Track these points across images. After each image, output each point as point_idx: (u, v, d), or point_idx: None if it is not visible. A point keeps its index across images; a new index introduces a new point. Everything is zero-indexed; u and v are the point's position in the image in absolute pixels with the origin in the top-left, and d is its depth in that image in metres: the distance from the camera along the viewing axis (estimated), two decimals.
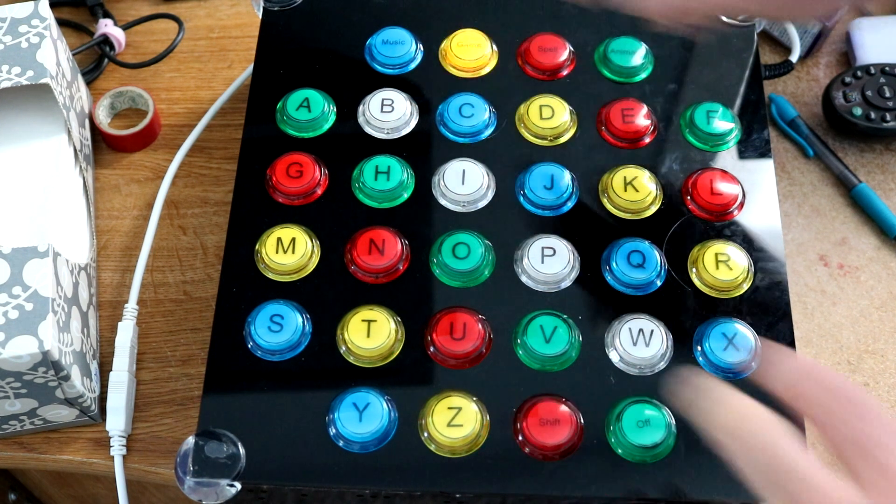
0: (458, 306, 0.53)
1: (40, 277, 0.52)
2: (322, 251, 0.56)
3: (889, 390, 0.60)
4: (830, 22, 0.71)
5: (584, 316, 0.54)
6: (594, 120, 0.60)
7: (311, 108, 0.60)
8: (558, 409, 0.50)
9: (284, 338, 0.52)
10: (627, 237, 0.56)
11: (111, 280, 0.64)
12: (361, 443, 0.50)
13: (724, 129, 0.59)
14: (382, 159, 0.58)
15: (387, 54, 0.62)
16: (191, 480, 0.49)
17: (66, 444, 0.59)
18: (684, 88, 0.62)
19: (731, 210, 0.57)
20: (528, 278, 0.55)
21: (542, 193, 0.57)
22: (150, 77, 0.74)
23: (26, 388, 0.53)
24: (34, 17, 0.62)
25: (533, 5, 0.65)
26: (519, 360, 0.52)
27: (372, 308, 0.53)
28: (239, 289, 0.54)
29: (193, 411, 0.59)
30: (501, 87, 0.61)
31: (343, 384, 0.52)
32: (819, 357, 0.61)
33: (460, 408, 0.50)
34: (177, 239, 0.66)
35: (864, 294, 0.64)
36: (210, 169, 0.69)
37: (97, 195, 0.68)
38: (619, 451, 0.50)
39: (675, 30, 0.51)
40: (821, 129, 0.71)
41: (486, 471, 0.49)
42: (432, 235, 0.56)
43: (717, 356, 0.52)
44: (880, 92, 0.68)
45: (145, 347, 0.61)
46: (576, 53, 0.63)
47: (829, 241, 0.66)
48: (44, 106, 0.65)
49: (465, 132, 0.59)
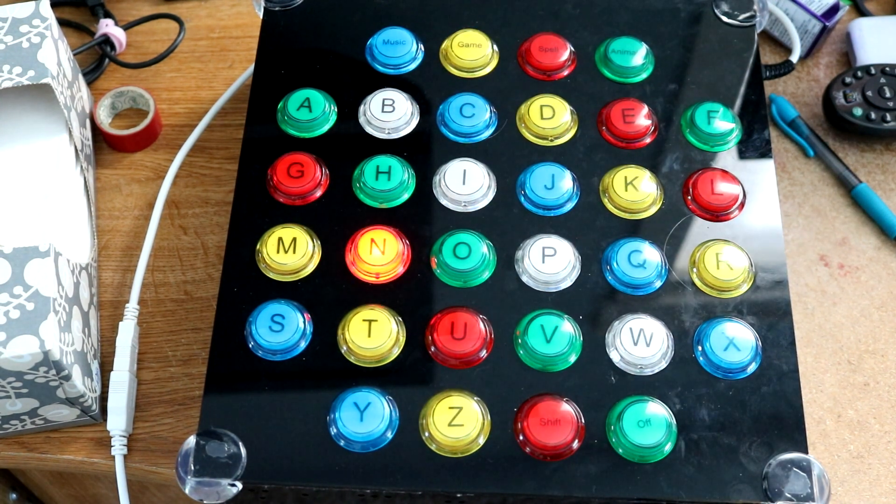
0: (458, 306, 0.53)
1: (41, 277, 0.52)
2: (323, 251, 0.56)
3: (889, 390, 0.61)
4: (830, 22, 0.71)
5: (584, 316, 0.54)
6: (595, 120, 0.60)
7: (311, 108, 0.60)
8: (559, 408, 0.50)
9: (285, 337, 0.52)
10: (628, 237, 0.56)
11: (112, 280, 0.64)
12: (362, 442, 0.50)
13: (725, 130, 0.60)
14: (383, 159, 0.58)
15: (388, 54, 0.62)
16: (192, 480, 0.49)
17: (67, 444, 0.59)
18: (685, 88, 0.62)
19: (732, 210, 0.57)
20: (529, 278, 0.55)
21: (543, 193, 0.57)
22: (150, 77, 0.74)
23: (27, 388, 0.53)
24: (35, 17, 0.62)
25: (533, 5, 0.65)
26: (520, 359, 0.52)
27: (373, 308, 0.53)
28: (240, 289, 0.54)
29: (194, 411, 0.59)
30: (502, 88, 0.61)
31: (344, 384, 0.52)
32: (819, 357, 0.62)
33: (461, 407, 0.50)
34: (178, 239, 0.66)
35: (864, 294, 0.64)
36: (211, 169, 0.69)
37: (98, 195, 0.68)
38: (619, 451, 0.50)
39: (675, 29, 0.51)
40: (821, 129, 0.71)
41: (487, 471, 0.50)
42: (433, 235, 0.56)
43: (717, 356, 0.52)
44: (880, 92, 0.68)
45: (146, 347, 0.62)
46: (576, 53, 0.63)
47: (830, 241, 0.66)
48: (45, 106, 0.65)
49: (465, 132, 0.59)
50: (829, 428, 0.59)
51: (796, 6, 0.72)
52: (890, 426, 0.59)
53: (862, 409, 0.60)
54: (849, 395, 0.60)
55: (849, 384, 0.61)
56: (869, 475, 0.58)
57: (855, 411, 0.60)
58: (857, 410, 0.60)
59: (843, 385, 0.61)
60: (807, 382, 0.60)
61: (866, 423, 0.59)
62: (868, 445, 0.59)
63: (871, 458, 0.58)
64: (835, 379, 0.61)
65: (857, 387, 0.61)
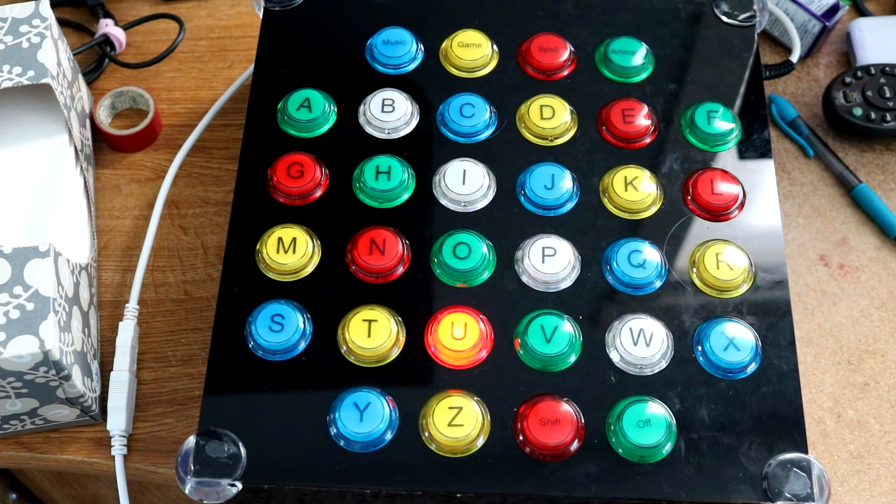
0: (458, 306, 0.53)
1: (41, 277, 0.52)
2: (323, 251, 0.56)
3: (889, 390, 0.61)
4: (830, 22, 0.71)
5: (584, 316, 0.54)
6: (595, 120, 0.60)
7: (311, 108, 0.60)
8: (559, 408, 0.50)
9: (285, 338, 0.52)
10: (628, 237, 0.56)
11: (112, 280, 0.64)
12: (362, 442, 0.50)
13: (725, 129, 0.60)
14: (383, 159, 0.58)
15: (387, 54, 0.62)
16: (192, 480, 0.49)
17: (67, 444, 0.59)
18: (685, 88, 0.62)
19: (732, 210, 0.57)
20: (529, 278, 0.55)
21: (543, 193, 0.57)
22: (150, 77, 0.74)
23: (27, 388, 0.53)
24: (35, 17, 0.62)
25: (533, 5, 0.65)
26: (520, 359, 0.52)
27: (373, 308, 0.53)
28: (240, 289, 0.54)
29: (194, 411, 0.59)
30: (502, 88, 0.61)
31: (344, 384, 0.52)
32: (819, 357, 0.62)
33: (461, 407, 0.50)
34: (177, 239, 0.66)
35: (864, 294, 0.64)
36: (211, 169, 0.69)
37: (98, 195, 0.68)
38: (619, 451, 0.50)
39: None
40: (821, 129, 0.71)
41: (487, 471, 0.50)
42: (433, 235, 0.56)
43: (717, 356, 0.52)
44: (880, 92, 0.68)
45: (146, 347, 0.62)
46: (576, 53, 0.63)
47: (830, 241, 0.66)
48: (45, 106, 0.65)
49: (465, 132, 0.59)
50: (829, 428, 0.59)
51: (796, 6, 0.72)
52: (890, 426, 0.59)
53: (862, 409, 0.60)
54: (849, 395, 0.60)
55: (849, 384, 0.61)
56: (869, 475, 0.58)
57: (855, 411, 0.60)
58: (857, 410, 0.60)
59: (843, 385, 0.61)
60: (807, 382, 0.60)
61: (866, 423, 0.59)
62: (868, 445, 0.59)
63: (871, 458, 0.58)
64: (835, 379, 0.61)
65: (857, 387, 0.61)
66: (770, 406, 0.51)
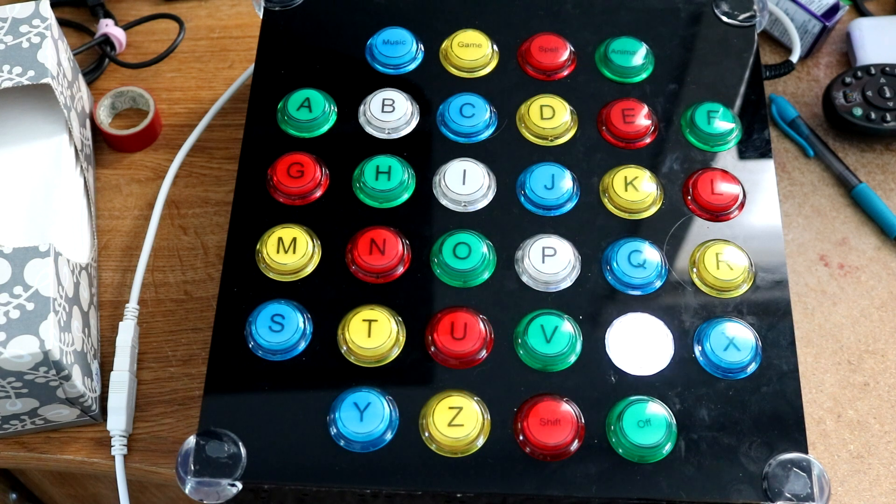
0: (458, 306, 0.53)
1: (41, 277, 0.52)
2: (323, 251, 0.56)
3: (889, 390, 0.61)
4: (830, 22, 0.71)
5: (584, 316, 0.54)
6: (595, 120, 0.60)
7: (311, 108, 0.60)
8: (559, 408, 0.50)
9: (285, 338, 0.52)
10: (628, 237, 0.56)
11: (112, 280, 0.64)
12: (362, 442, 0.50)
13: (725, 129, 0.60)
14: (383, 159, 0.58)
15: (387, 54, 0.62)
16: (192, 480, 0.49)
17: (67, 444, 0.59)
18: (685, 88, 0.62)
19: (732, 210, 0.57)
20: (529, 278, 0.55)
21: (543, 193, 0.57)
22: (150, 77, 0.74)
23: (27, 388, 0.53)
24: (35, 17, 0.62)
25: (533, 5, 0.65)
26: (520, 359, 0.52)
27: (373, 308, 0.53)
28: (240, 289, 0.54)
29: (194, 411, 0.59)
30: (502, 88, 0.61)
31: (344, 384, 0.52)
32: (819, 357, 0.62)
33: (461, 407, 0.50)
34: (177, 239, 0.66)
35: (864, 294, 0.64)
36: (211, 169, 0.69)
37: (98, 195, 0.68)
38: (619, 451, 0.50)
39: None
40: (821, 129, 0.71)
41: (487, 471, 0.50)
42: (433, 235, 0.56)
43: (717, 356, 0.52)
44: (880, 92, 0.68)
45: (146, 347, 0.62)
46: (576, 53, 0.63)
47: (830, 241, 0.66)
48: (45, 106, 0.65)
49: (465, 132, 0.59)
50: (829, 428, 0.59)
51: (796, 6, 0.72)
52: (890, 426, 0.59)
53: (862, 409, 0.60)
54: (849, 395, 0.60)
55: (849, 384, 0.61)
56: (869, 475, 0.58)
57: (855, 411, 0.60)
58: (857, 410, 0.60)
59: (843, 385, 0.61)
60: (807, 382, 0.60)
61: (866, 423, 0.59)
62: (868, 445, 0.59)
63: (871, 458, 0.58)
64: (835, 379, 0.61)
65: (857, 387, 0.61)
66: (770, 406, 0.51)
